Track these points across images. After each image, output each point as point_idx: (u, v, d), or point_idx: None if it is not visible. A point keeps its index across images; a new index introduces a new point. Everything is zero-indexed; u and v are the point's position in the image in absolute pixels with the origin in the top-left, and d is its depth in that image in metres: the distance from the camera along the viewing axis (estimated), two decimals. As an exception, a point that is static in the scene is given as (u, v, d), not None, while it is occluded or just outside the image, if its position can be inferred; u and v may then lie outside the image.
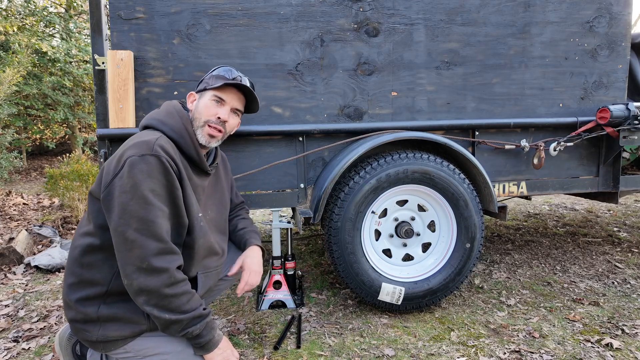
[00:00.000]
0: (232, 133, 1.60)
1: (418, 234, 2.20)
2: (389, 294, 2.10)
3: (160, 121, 1.41)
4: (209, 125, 1.45)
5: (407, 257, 2.23)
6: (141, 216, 1.23)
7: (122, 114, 1.88)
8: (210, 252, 1.50)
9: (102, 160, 2.03)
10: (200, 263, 1.47)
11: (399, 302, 2.12)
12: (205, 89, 1.50)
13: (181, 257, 1.32)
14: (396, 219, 2.18)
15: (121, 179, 1.24)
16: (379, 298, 2.11)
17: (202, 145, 1.47)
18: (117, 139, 1.92)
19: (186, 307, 1.28)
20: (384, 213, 2.18)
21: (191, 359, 1.37)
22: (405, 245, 2.21)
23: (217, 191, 1.63)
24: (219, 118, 1.46)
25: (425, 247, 2.24)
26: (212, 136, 1.46)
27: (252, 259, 1.63)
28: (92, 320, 1.32)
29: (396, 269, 2.19)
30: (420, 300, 2.14)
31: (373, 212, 2.12)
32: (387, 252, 2.21)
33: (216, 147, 1.61)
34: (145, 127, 1.45)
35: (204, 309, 1.33)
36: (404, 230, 2.13)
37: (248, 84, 1.52)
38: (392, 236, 2.19)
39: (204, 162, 1.46)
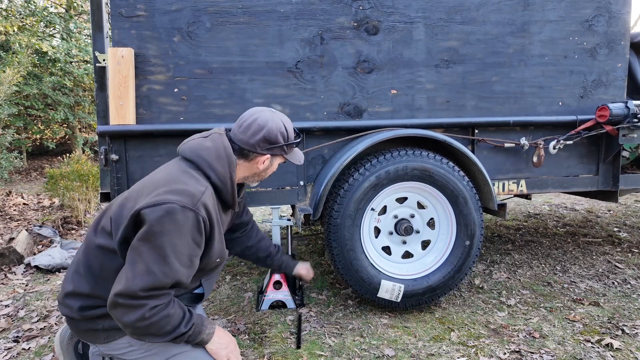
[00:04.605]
0: None
1: (417, 232, 2.20)
2: (389, 291, 2.10)
3: (208, 165, 1.38)
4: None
5: (407, 255, 2.23)
6: (146, 263, 1.21)
7: (122, 110, 1.88)
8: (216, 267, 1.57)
9: (102, 157, 2.03)
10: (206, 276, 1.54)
11: (399, 300, 2.11)
12: (280, 155, 1.54)
13: (169, 295, 1.29)
14: (396, 216, 2.18)
15: (152, 213, 1.21)
16: (378, 295, 2.11)
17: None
18: (117, 136, 1.93)
19: (166, 330, 1.26)
20: (384, 210, 2.18)
21: (196, 352, 1.37)
22: (404, 242, 2.20)
23: (229, 219, 1.69)
24: None
25: (425, 244, 2.24)
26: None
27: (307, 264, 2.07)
28: (98, 317, 1.33)
29: (395, 266, 2.18)
30: (420, 298, 2.14)
31: (372, 209, 2.12)
32: (387, 250, 2.21)
33: None
34: (189, 160, 1.40)
35: (187, 323, 1.30)
36: (403, 228, 2.13)
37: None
38: (391, 233, 2.18)
39: (236, 204, 1.49)
